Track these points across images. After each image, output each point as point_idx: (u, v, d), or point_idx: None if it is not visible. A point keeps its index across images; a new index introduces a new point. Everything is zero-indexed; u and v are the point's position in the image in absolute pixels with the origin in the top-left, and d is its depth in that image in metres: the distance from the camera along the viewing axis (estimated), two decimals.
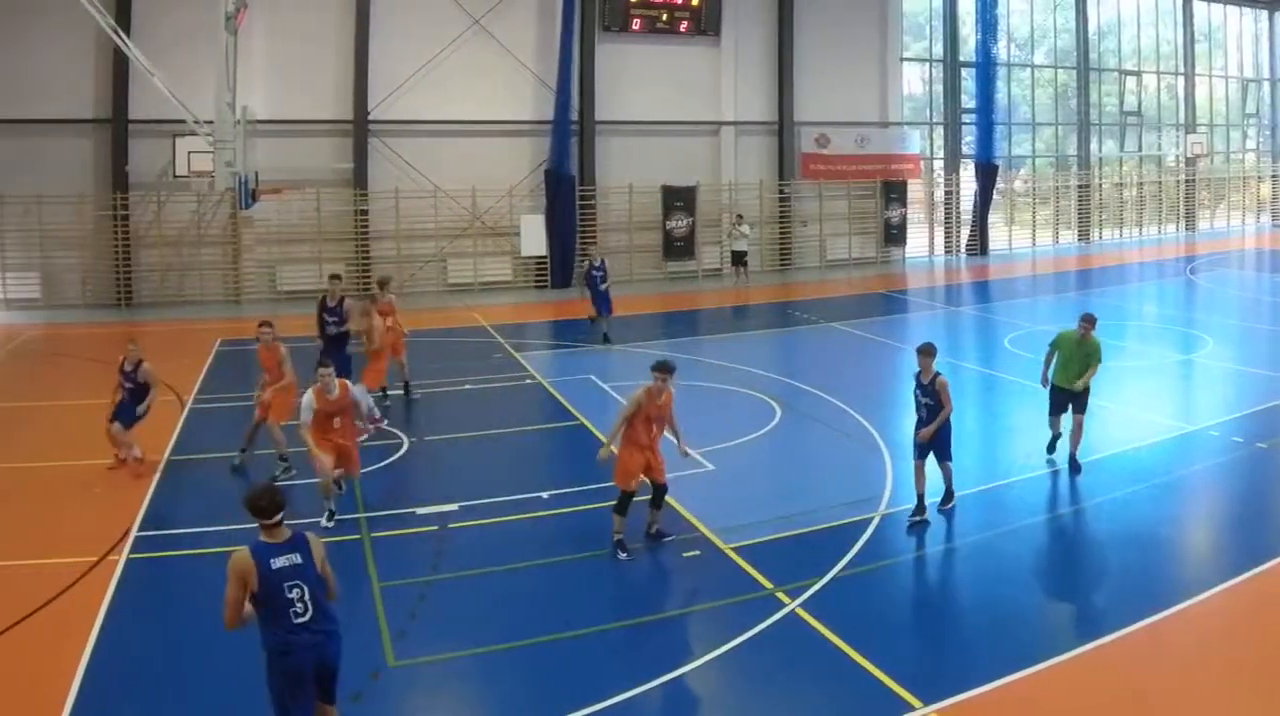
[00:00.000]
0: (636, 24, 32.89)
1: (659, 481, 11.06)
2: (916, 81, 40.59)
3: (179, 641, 9.04)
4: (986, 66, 38.20)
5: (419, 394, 17.88)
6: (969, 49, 39.40)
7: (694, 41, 33.87)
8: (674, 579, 10.63)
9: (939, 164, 40.88)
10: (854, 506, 12.11)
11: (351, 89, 29.73)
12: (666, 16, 33.34)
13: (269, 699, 6.55)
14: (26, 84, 26.87)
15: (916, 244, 39.51)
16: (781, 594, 9.76)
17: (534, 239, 31.90)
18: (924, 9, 39.81)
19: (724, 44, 34.25)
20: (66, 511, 12.45)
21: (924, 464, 11.85)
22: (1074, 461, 13.30)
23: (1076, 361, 13.17)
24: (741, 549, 10.90)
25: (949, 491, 12.01)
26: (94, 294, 28.34)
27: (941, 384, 11.62)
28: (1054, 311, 27.10)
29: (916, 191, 39.67)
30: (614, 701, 7.95)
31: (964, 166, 40.28)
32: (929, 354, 11.74)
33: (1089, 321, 13.22)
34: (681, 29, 33.56)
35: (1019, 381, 18.34)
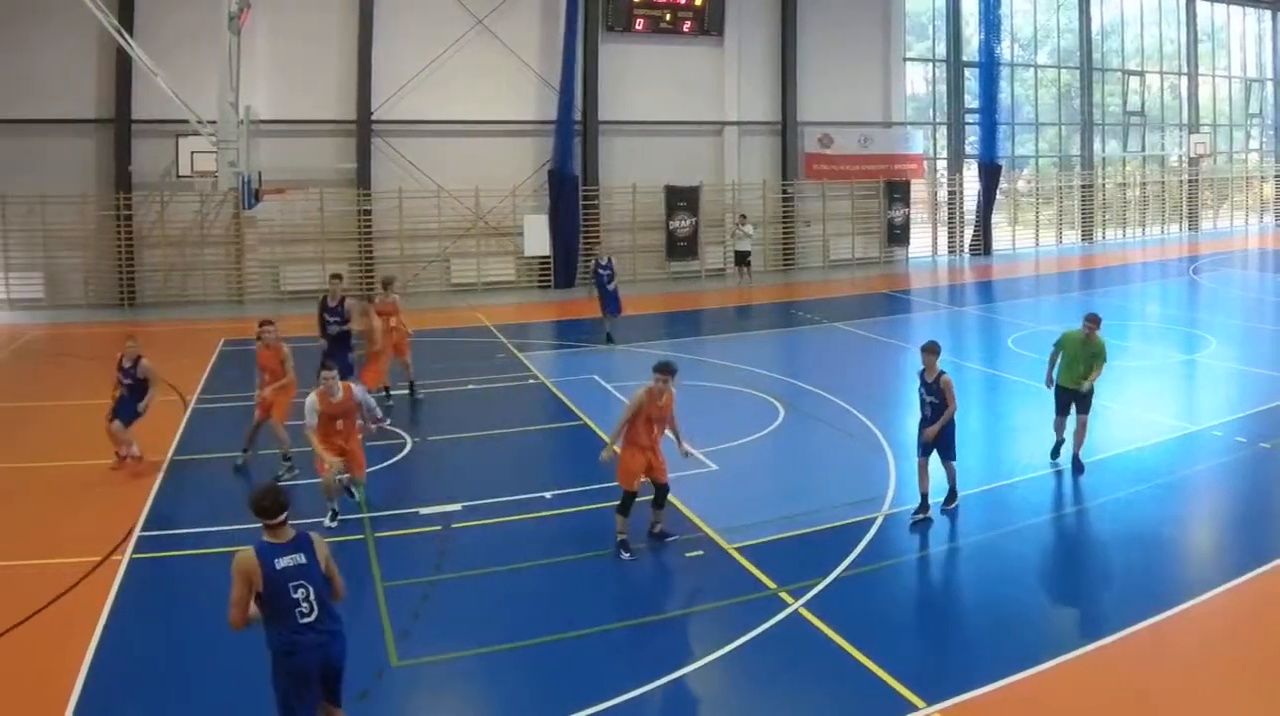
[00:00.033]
0: (640, 24, 32.86)
1: (661, 481, 11.06)
2: (920, 81, 40.56)
3: (182, 641, 9.06)
4: (990, 66, 38.14)
5: (423, 394, 17.89)
6: (972, 49, 39.38)
7: (697, 41, 33.85)
8: (677, 579, 10.63)
9: (942, 164, 40.81)
10: (857, 506, 12.12)
11: (355, 89, 29.73)
12: (670, 16, 33.29)
13: (274, 699, 6.55)
14: (29, 84, 26.87)
15: (920, 244, 39.46)
16: (785, 594, 9.77)
17: (537, 239, 31.89)
18: (927, 9, 39.78)
19: (727, 44, 34.21)
20: (70, 511, 12.46)
21: (927, 462, 11.86)
22: (1077, 461, 13.29)
23: (1081, 361, 13.15)
24: (745, 549, 10.90)
25: (952, 491, 12.01)
26: (97, 294, 28.33)
27: (946, 382, 11.64)
28: (1057, 311, 27.06)
29: (920, 191, 39.63)
30: (617, 701, 7.96)
31: (967, 166, 40.25)
32: (933, 352, 11.78)
33: (1093, 321, 13.20)
34: (685, 29, 33.52)
35: (1022, 381, 18.33)
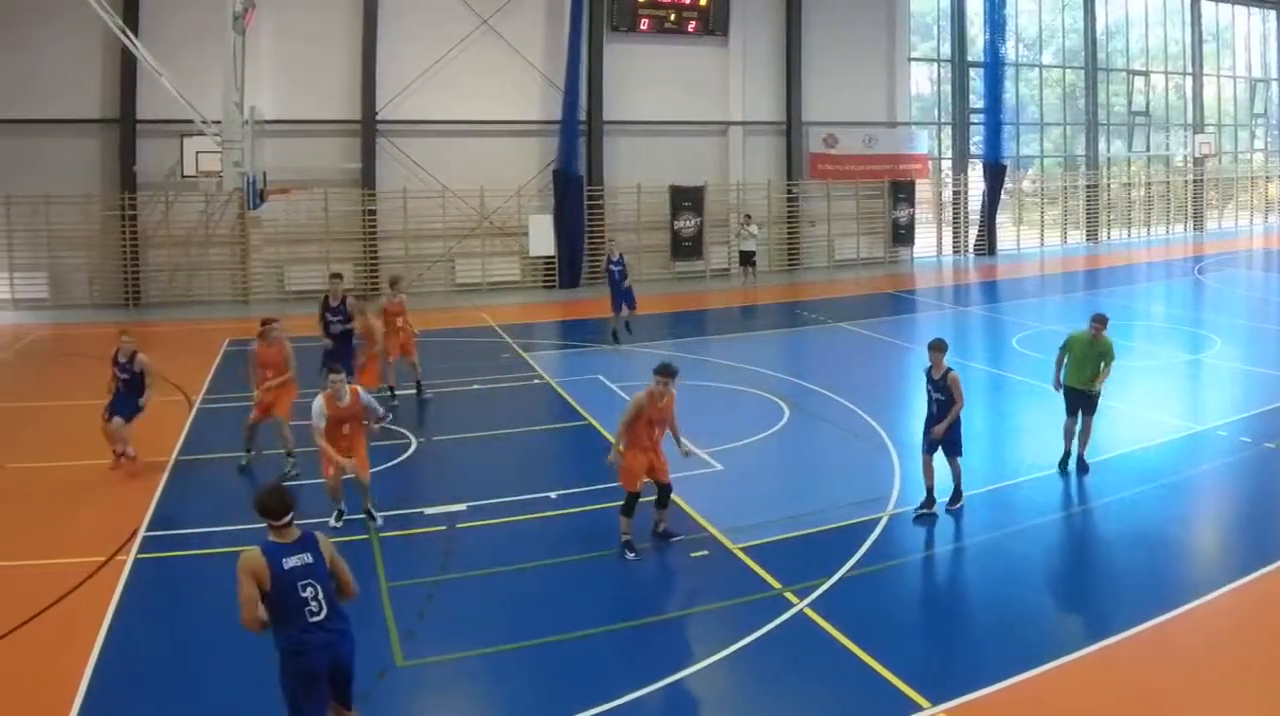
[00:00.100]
0: (644, 24, 32.87)
1: (663, 481, 11.07)
2: (924, 81, 40.51)
3: (187, 641, 9.07)
4: (995, 66, 38.11)
5: (430, 394, 17.90)
6: (977, 49, 39.40)
7: (702, 41, 33.84)
8: (682, 579, 10.63)
9: (947, 164, 40.75)
10: (862, 506, 12.12)
11: (359, 89, 29.75)
12: (674, 16, 33.29)
13: (282, 699, 6.54)
14: (34, 84, 26.92)
15: (924, 244, 39.45)
16: (790, 594, 9.76)
17: (542, 239, 31.90)
18: (932, 9, 39.72)
19: (732, 44, 34.20)
20: (74, 511, 12.47)
21: (932, 459, 11.92)
22: (1082, 461, 13.28)
23: (1089, 362, 13.10)
24: (750, 549, 10.90)
25: (957, 491, 12.01)
26: (101, 294, 28.36)
27: (953, 379, 11.68)
28: (1062, 311, 27.05)
29: (924, 191, 39.59)
30: (622, 701, 7.96)
31: (972, 166, 40.22)
32: (940, 349, 11.86)
33: (1100, 321, 13.17)
34: (689, 29, 33.52)
35: (1027, 381, 18.33)
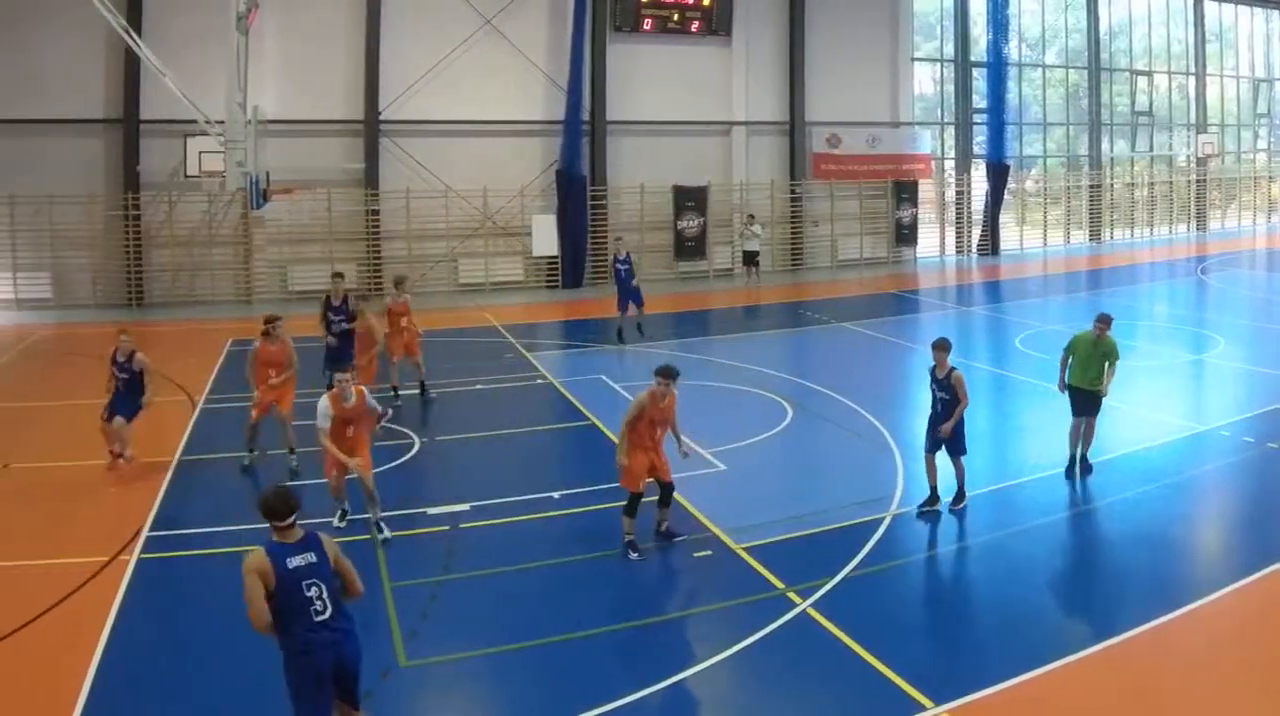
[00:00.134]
0: (648, 24, 32.86)
1: (665, 480, 11.07)
2: (928, 81, 40.51)
3: (190, 641, 9.08)
4: (998, 66, 38.11)
5: (435, 393, 17.91)
6: (980, 49, 39.37)
7: (705, 41, 33.84)
8: (685, 579, 10.63)
9: (950, 164, 40.74)
10: (865, 506, 12.11)
11: (363, 89, 29.77)
12: (678, 16, 33.30)
13: (287, 694, 6.54)
14: (38, 84, 26.96)
15: (928, 244, 39.44)
16: (793, 594, 9.76)
17: (545, 239, 31.89)
18: (935, 9, 39.71)
19: (735, 44, 34.19)
20: (78, 511, 12.49)
21: (935, 457, 11.98)
22: (1085, 462, 13.25)
23: (1094, 362, 13.06)
24: (753, 549, 10.89)
25: (960, 491, 12.01)
26: (105, 294, 28.40)
27: (957, 378, 11.71)
28: (1065, 311, 27.05)
29: (928, 191, 39.59)
30: (625, 701, 7.96)
31: (975, 166, 40.22)
32: (944, 348, 11.89)
33: (1104, 321, 13.10)
34: (693, 29, 33.52)
35: (1030, 381, 18.32)
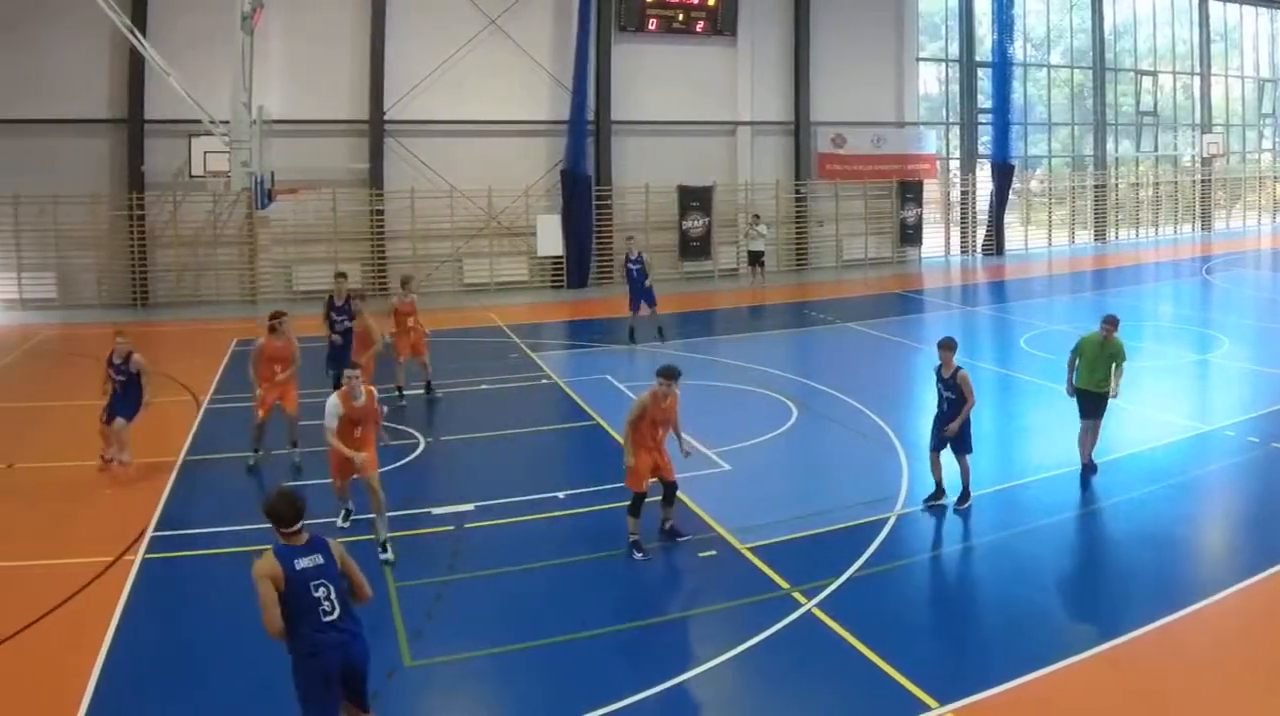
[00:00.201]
0: (652, 24, 32.85)
1: (668, 479, 11.08)
2: (932, 81, 40.48)
3: (194, 641, 9.09)
4: (1003, 66, 38.06)
5: (441, 393, 17.92)
6: (985, 49, 39.28)
7: (710, 41, 33.83)
8: (690, 579, 10.62)
9: (955, 164, 40.74)
10: (870, 506, 12.10)
11: (367, 89, 29.79)
12: (683, 16, 33.28)
13: (295, 696, 6.54)
14: (42, 84, 26.99)
15: (932, 244, 39.41)
16: (798, 594, 9.75)
17: (550, 239, 31.90)
18: (940, 9, 39.67)
19: (740, 44, 34.19)
20: (82, 511, 12.51)
21: (939, 456, 12.05)
22: (1090, 462, 13.22)
23: (1101, 364, 13.01)
24: (758, 549, 10.89)
25: (965, 491, 12.01)
26: (109, 294, 28.44)
27: (963, 377, 11.73)
28: (1070, 311, 27.02)
29: (932, 191, 39.56)
30: (630, 701, 7.96)
31: (980, 166, 40.15)
32: (949, 348, 11.92)
33: (1111, 323, 13.05)
34: (698, 29, 33.51)
35: (1035, 381, 18.30)
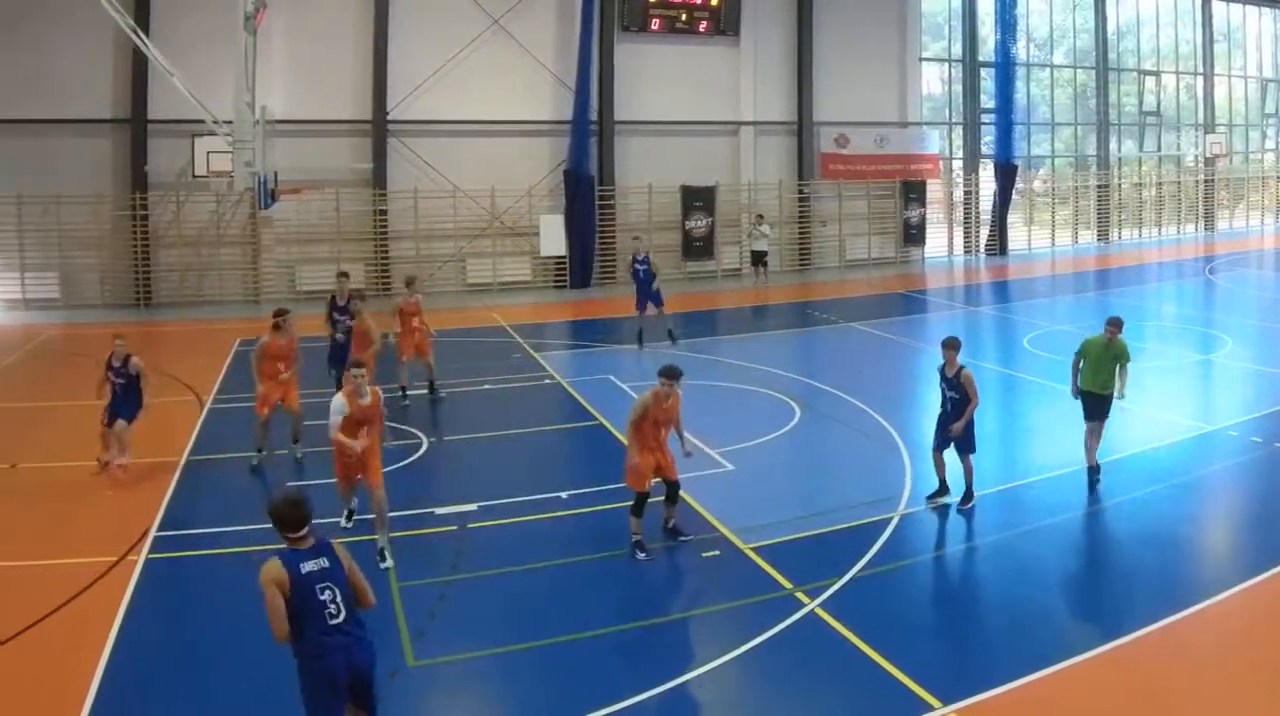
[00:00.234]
0: (656, 24, 32.83)
1: (671, 479, 11.09)
2: (936, 81, 40.44)
3: (198, 641, 9.11)
4: (1006, 66, 37.99)
5: (444, 393, 17.92)
6: (988, 49, 39.24)
7: (713, 41, 33.81)
8: (693, 579, 10.62)
9: (958, 164, 40.69)
10: (873, 506, 12.10)
11: (370, 89, 29.79)
12: (686, 16, 33.26)
13: (301, 700, 6.52)
14: (45, 84, 27.00)
15: (936, 244, 39.34)
16: (801, 594, 9.75)
17: (553, 239, 31.90)
18: (943, 9, 39.65)
19: (743, 44, 34.16)
20: (85, 511, 12.52)
21: (942, 455, 12.09)
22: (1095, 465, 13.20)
23: (1105, 365, 12.95)
24: (761, 549, 10.89)
25: (969, 491, 12.01)
26: (113, 294, 28.44)
27: (967, 377, 11.74)
28: (1073, 311, 27.01)
29: (936, 191, 39.50)
30: (633, 701, 7.96)
31: (983, 166, 40.10)
32: (953, 347, 11.95)
33: (1115, 324, 12.97)
34: (701, 29, 33.48)
35: (1038, 381, 18.29)
